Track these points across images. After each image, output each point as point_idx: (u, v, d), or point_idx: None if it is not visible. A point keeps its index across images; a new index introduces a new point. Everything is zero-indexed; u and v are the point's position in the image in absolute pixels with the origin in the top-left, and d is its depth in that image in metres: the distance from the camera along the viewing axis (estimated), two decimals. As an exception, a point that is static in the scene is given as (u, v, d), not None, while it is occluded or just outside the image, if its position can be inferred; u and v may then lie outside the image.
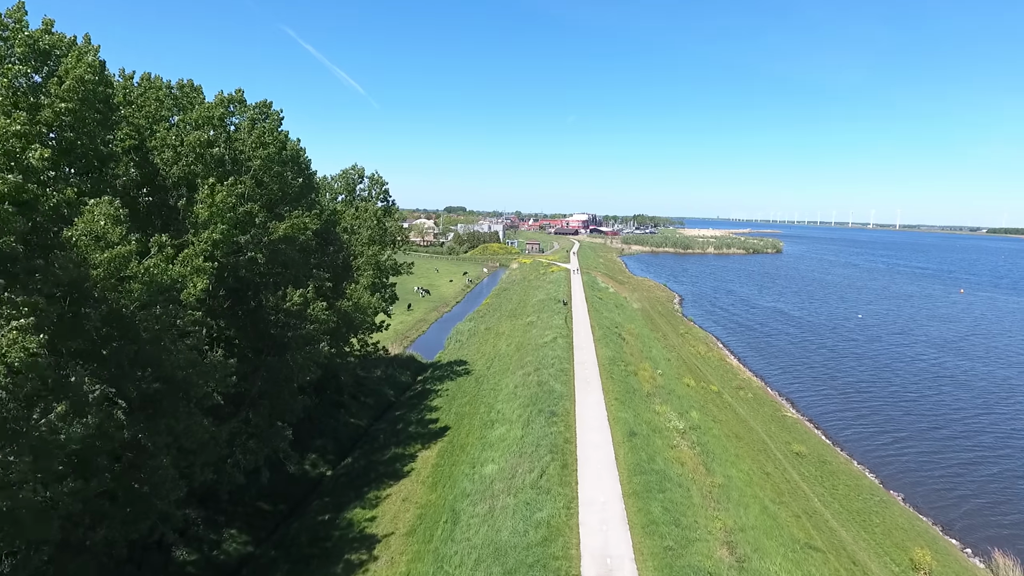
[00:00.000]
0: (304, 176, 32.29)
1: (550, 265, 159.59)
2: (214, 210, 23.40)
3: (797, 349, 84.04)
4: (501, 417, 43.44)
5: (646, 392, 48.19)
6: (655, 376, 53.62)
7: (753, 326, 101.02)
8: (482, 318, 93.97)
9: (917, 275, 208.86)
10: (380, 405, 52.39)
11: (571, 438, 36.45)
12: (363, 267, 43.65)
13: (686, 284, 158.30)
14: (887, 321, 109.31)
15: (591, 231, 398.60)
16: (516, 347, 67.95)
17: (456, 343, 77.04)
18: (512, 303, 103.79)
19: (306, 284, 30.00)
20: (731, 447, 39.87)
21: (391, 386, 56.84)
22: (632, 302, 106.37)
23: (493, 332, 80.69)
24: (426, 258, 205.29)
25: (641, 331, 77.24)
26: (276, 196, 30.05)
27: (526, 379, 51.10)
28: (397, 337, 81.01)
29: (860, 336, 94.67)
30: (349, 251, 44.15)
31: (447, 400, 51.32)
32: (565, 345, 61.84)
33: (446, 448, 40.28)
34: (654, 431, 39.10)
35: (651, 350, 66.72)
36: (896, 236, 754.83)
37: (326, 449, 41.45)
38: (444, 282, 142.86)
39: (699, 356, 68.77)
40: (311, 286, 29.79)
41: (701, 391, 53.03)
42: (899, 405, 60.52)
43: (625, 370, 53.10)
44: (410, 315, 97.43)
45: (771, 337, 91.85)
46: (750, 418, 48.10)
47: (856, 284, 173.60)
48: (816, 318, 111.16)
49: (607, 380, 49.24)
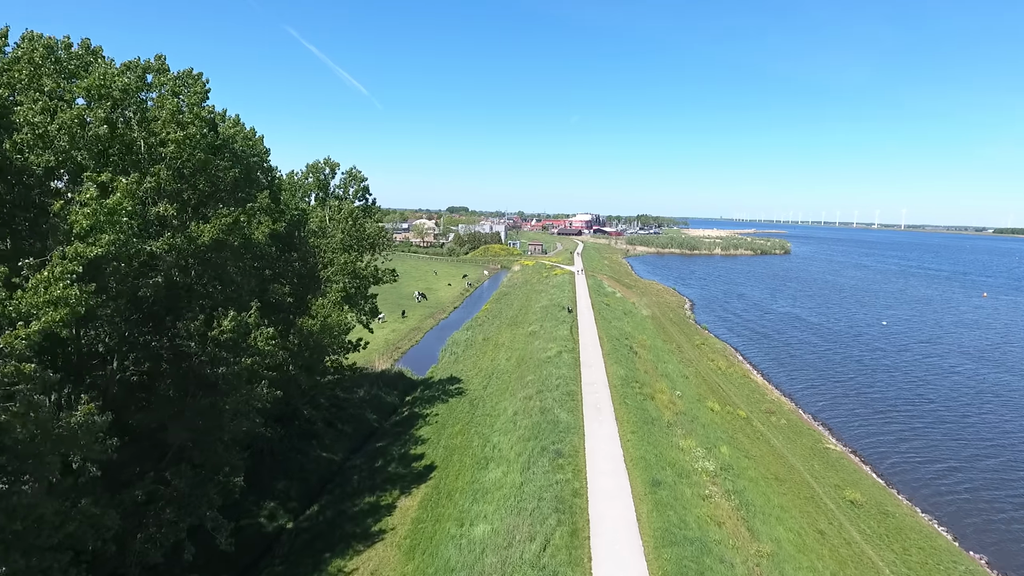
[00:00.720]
0: (243, 165, 25.73)
1: (553, 267, 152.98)
2: (100, 217, 16.92)
3: (822, 361, 77.25)
4: (497, 454, 36.90)
5: (666, 421, 41.57)
6: (674, 400, 47.00)
7: (770, 334, 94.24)
8: (480, 326, 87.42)
9: (932, 277, 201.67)
10: (360, 433, 45.83)
11: (581, 488, 29.86)
12: (334, 277, 37.11)
13: (695, 287, 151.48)
14: (913, 328, 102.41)
15: (594, 231, 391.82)
16: (517, 361, 61.41)
17: (451, 356, 70.47)
18: (513, 309, 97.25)
19: (250, 304, 23.52)
20: (773, 495, 33.22)
21: (375, 409, 50.27)
22: (641, 308, 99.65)
23: (492, 343, 74.15)
24: (425, 260, 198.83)
25: (653, 342, 70.57)
26: (205, 193, 23.62)
27: (527, 404, 44.54)
28: (387, 348, 74.53)
29: (887, 345, 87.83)
30: (317, 259, 37.62)
31: (436, 429, 44.75)
32: (571, 361, 55.27)
33: (431, 495, 33.71)
34: (681, 475, 32.49)
35: (666, 366, 60.05)
36: (902, 236, 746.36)
37: (289, 494, 34.90)
38: (442, 286, 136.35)
39: (719, 372, 62.08)
40: (255, 307, 23.31)
41: (728, 417, 46.37)
42: (944, 427, 53.78)
43: (640, 392, 46.47)
44: (404, 323, 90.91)
45: (792, 347, 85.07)
46: (788, 452, 41.44)
47: (871, 287, 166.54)
48: (836, 325, 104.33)
49: (620, 406, 42.64)
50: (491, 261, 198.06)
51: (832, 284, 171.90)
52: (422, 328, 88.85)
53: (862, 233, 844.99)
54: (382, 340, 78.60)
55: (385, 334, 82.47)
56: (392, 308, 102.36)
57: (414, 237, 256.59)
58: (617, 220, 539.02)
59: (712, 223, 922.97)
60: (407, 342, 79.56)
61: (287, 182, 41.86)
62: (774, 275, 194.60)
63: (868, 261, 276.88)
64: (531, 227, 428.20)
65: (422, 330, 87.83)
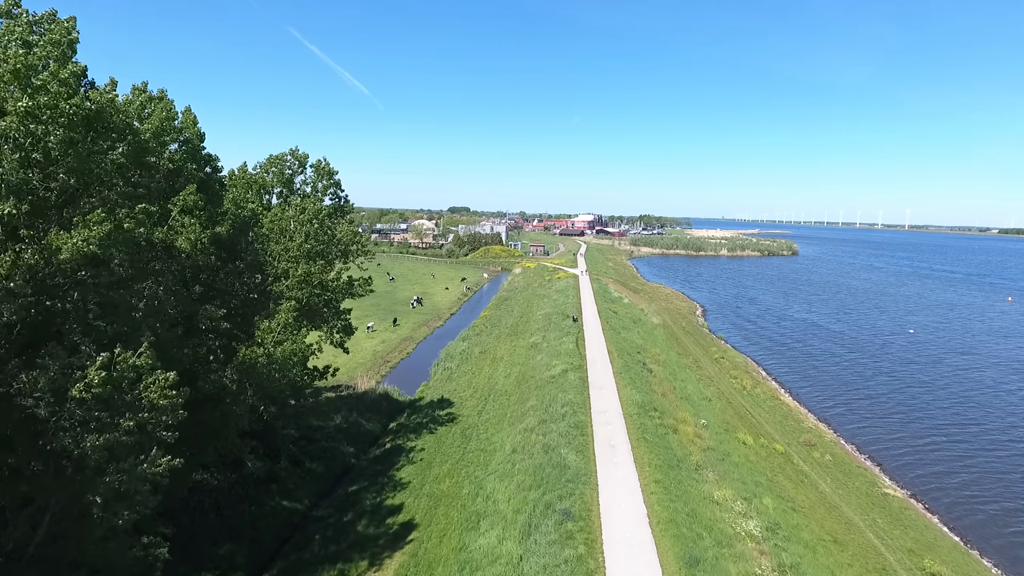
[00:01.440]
0: (131, 146, 18.87)
1: (556, 270, 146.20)
2: None
3: (852, 375, 70.39)
4: (491, 508, 30.15)
5: (694, 463, 34.79)
6: (700, 432, 40.20)
7: (791, 344, 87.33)
8: (478, 336, 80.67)
9: (947, 280, 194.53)
10: (333, 471, 39.06)
11: (596, 570, 23.11)
12: (291, 292, 30.25)
13: (704, 291, 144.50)
14: (942, 337, 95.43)
15: (597, 232, 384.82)
16: (516, 380, 54.70)
17: (444, 371, 63.71)
18: (513, 316, 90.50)
19: (140, 339, 16.86)
20: (836, 568, 26.44)
21: (353, 439, 43.51)
22: (651, 315, 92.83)
23: (490, 356, 67.41)
24: (423, 262, 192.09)
25: (668, 357, 63.76)
26: (72, 188, 16.93)
27: (527, 438, 37.80)
28: (375, 362, 67.80)
29: (919, 357, 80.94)
30: (272, 269, 30.78)
31: (421, 469, 37.96)
32: (578, 382, 48.50)
33: (407, 568, 26.95)
34: (721, 544, 25.71)
35: (685, 386, 53.27)
36: (907, 236, 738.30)
37: (234, 560, 28.16)
38: (440, 290, 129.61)
39: (744, 392, 55.25)
40: (145, 343, 16.64)
41: (763, 453, 39.60)
42: (1012, 461, 46.94)
43: (661, 423, 39.68)
44: (395, 332, 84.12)
45: (816, 359, 78.18)
46: (841, 500, 34.64)
47: (887, 291, 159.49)
48: (859, 333, 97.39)
49: (639, 443, 35.84)
50: (491, 263, 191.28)
51: (846, 287, 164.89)
52: (415, 338, 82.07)
53: (866, 233, 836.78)
54: (370, 352, 71.93)
55: (374, 345, 75.80)
56: (384, 315, 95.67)
57: (412, 238, 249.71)
58: (620, 220, 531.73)
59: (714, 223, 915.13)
60: (397, 354, 72.78)
61: (238, 177, 35.10)
62: (784, 277, 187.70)
63: (878, 263, 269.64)
64: (533, 228, 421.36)
65: (415, 340, 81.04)
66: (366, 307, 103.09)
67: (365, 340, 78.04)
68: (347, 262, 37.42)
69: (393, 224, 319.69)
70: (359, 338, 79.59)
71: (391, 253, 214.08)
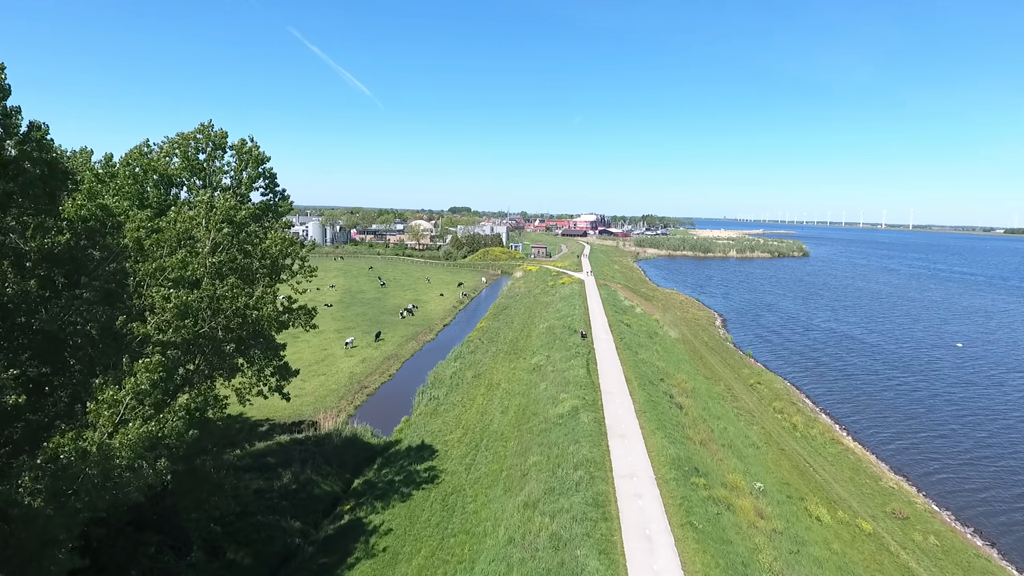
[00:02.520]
0: None
1: (560, 274, 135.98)
2: None
3: (909, 403, 60.19)
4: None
5: (765, 565, 24.63)
6: (759, 505, 30.05)
7: (827, 361, 77.18)
8: (472, 354, 70.54)
9: (971, 283, 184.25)
10: (267, 561, 28.88)
11: None
12: (164, 332, 19.62)
13: (718, 297, 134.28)
14: (993, 352, 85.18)
15: (600, 232, 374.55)
16: (516, 418, 44.64)
17: (430, 402, 53.57)
18: (513, 330, 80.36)
19: None
20: None
21: (301, 509, 33.35)
22: (667, 328, 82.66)
23: (485, 381, 57.30)
24: (419, 265, 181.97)
25: (696, 384, 53.59)
26: None
27: (529, 521, 27.70)
28: (349, 389, 57.63)
29: (977, 377, 70.81)
30: (138, 299, 20.46)
31: (383, 565, 27.80)
32: (593, 426, 38.36)
33: None
34: None
35: (724, 426, 43.15)
36: (912, 236, 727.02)
37: None
38: (434, 296, 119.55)
39: (796, 433, 45.10)
40: None
41: (848, 537, 29.48)
42: None
43: (709, 496, 29.51)
44: (378, 349, 73.95)
45: (860, 381, 68.00)
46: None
47: (911, 296, 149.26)
48: (899, 346, 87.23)
49: (685, 535, 25.67)
50: (491, 266, 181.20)
51: (867, 292, 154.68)
52: (401, 355, 71.92)
53: (870, 233, 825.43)
54: (346, 375, 61.82)
55: (352, 365, 65.68)
56: (370, 327, 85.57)
57: (409, 239, 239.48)
58: (622, 220, 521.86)
59: (717, 223, 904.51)
60: (378, 377, 62.62)
61: (123, 164, 25.06)
62: (799, 281, 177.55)
63: (893, 264, 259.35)
64: (534, 228, 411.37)
65: (400, 358, 70.90)
66: (350, 318, 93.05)
67: (342, 359, 67.99)
68: (274, 282, 26.90)
69: (389, 224, 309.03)
70: (336, 356, 69.63)
71: (386, 255, 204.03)
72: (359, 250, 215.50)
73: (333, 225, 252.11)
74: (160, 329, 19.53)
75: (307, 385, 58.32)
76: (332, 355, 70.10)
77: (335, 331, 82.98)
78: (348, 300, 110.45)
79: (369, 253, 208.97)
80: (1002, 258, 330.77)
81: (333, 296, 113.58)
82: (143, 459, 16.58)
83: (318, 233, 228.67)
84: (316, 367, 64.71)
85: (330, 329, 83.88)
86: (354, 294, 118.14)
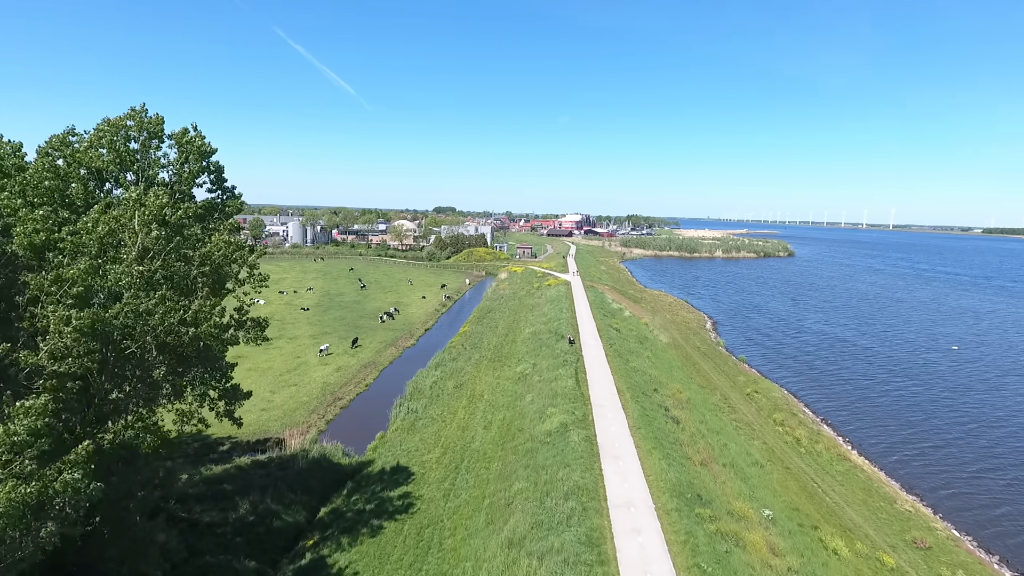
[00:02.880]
0: None
1: (546, 275, 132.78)
2: None
3: (911, 411, 57.71)
4: None
5: (785, 617, 21.42)
6: (770, 538, 26.91)
7: (821, 366, 74.76)
8: (454, 361, 66.92)
9: (956, 283, 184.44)
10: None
11: None
12: (60, 361, 15.91)
13: (707, 299, 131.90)
14: (986, 354, 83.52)
15: (586, 232, 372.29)
16: (499, 435, 41.19)
17: (407, 415, 49.90)
18: (497, 335, 76.87)
19: None
20: None
21: (258, 546, 29.57)
22: (658, 332, 79.74)
23: (467, 392, 53.76)
24: (401, 266, 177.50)
25: (692, 394, 50.54)
26: None
27: (515, 563, 24.25)
28: (322, 401, 53.73)
29: (976, 382, 68.77)
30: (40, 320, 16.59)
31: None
32: (584, 446, 35.02)
33: None
34: None
35: (725, 442, 40.09)
36: (893, 236, 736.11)
37: None
38: (416, 299, 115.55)
39: (800, 448, 42.22)
40: None
41: (871, 574, 26.38)
42: None
43: (716, 531, 26.27)
44: (355, 356, 69.95)
45: (857, 387, 65.55)
46: None
47: (899, 296, 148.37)
48: (892, 349, 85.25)
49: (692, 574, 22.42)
50: (475, 267, 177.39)
51: (855, 292, 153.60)
52: (379, 363, 68.06)
53: (852, 233, 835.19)
54: (319, 385, 57.82)
55: (326, 375, 61.66)
56: (348, 332, 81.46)
57: (391, 239, 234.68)
58: (607, 220, 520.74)
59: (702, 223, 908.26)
60: (353, 387, 58.73)
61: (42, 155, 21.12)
62: (787, 281, 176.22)
63: (877, 264, 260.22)
64: (519, 228, 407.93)
65: (378, 366, 67.04)
66: (327, 323, 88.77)
67: (316, 368, 63.92)
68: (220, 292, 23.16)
69: (372, 224, 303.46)
70: (309, 365, 65.54)
71: (368, 256, 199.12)
72: (340, 251, 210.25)
73: (314, 225, 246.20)
74: (55, 357, 15.85)
75: (276, 397, 54.34)
76: (306, 363, 66.02)
77: (310, 337, 78.82)
78: (326, 304, 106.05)
79: (350, 254, 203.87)
80: (984, 258, 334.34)
81: (310, 299, 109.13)
82: (21, 526, 12.93)
83: (298, 233, 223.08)
84: (287, 376, 60.65)
85: (305, 335, 79.70)
86: (332, 297, 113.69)
